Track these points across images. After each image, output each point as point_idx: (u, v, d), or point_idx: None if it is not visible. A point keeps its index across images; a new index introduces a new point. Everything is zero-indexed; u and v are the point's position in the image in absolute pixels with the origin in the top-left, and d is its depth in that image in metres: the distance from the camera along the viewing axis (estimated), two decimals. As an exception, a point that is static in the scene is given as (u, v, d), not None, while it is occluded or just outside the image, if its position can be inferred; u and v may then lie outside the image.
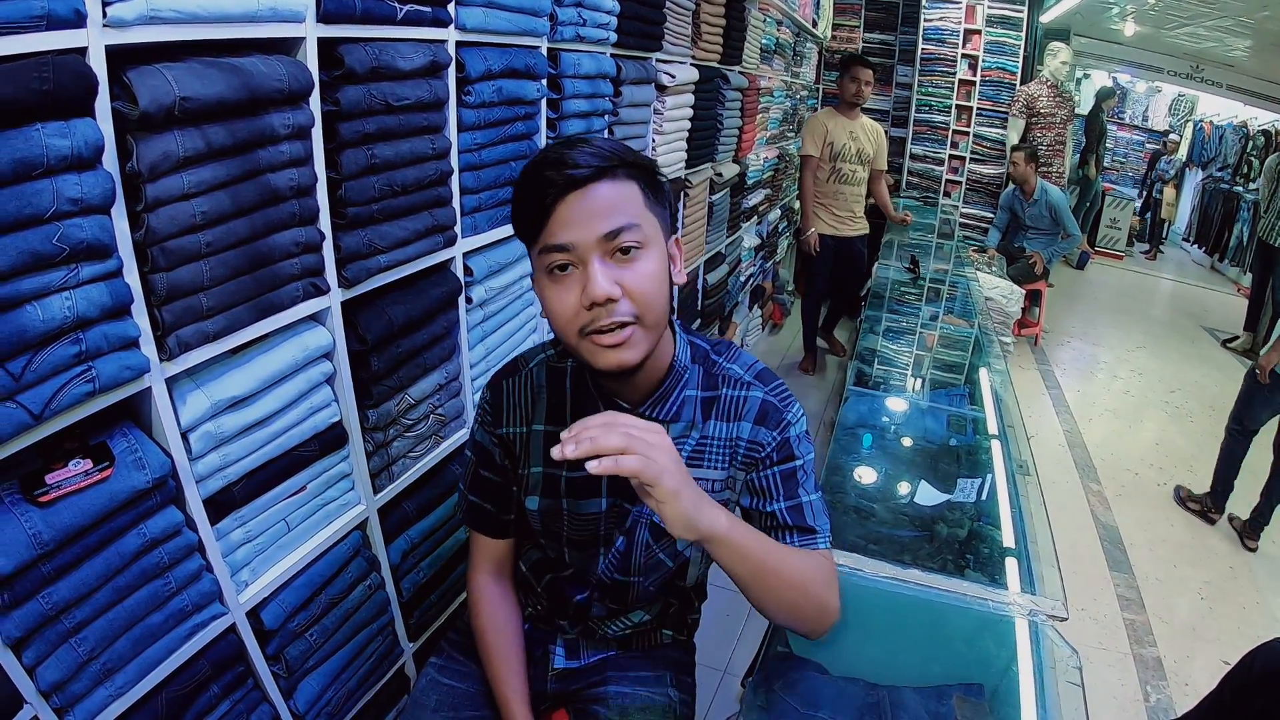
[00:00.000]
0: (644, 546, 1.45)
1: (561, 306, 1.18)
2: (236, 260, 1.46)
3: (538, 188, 1.16)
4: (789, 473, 1.37)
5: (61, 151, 1.11)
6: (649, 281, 1.18)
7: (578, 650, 1.66)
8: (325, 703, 1.94)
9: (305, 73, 1.50)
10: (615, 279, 1.15)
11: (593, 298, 1.14)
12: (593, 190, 1.15)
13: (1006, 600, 1.75)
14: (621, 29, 2.73)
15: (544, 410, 1.44)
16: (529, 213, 1.18)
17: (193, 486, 1.50)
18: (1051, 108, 7.28)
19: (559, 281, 1.18)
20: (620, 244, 1.16)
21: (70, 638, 1.33)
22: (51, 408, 1.18)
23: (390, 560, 2.11)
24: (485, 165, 2.18)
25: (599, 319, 1.16)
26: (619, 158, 1.18)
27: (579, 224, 1.14)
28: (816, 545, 1.35)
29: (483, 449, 1.49)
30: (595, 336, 1.17)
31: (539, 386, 1.44)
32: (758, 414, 1.37)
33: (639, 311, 1.17)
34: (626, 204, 1.18)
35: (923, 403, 3.11)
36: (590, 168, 1.15)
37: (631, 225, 1.16)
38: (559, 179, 1.14)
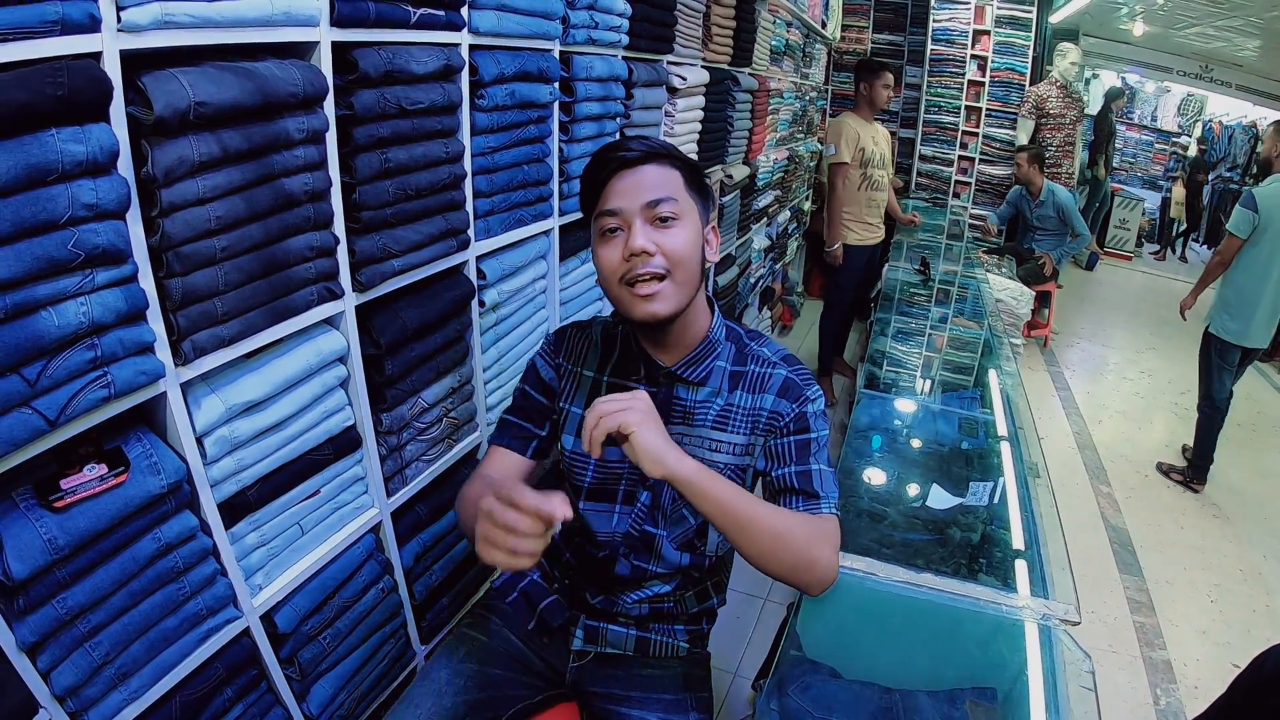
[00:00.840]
0: (671, 499, 1.55)
1: (608, 259, 1.40)
2: (251, 265, 1.46)
3: (597, 167, 1.43)
4: (803, 443, 1.50)
5: (76, 156, 1.11)
6: (681, 244, 1.39)
7: (597, 635, 1.68)
8: (338, 706, 1.94)
9: (319, 77, 1.51)
10: (652, 239, 1.37)
11: (631, 249, 1.36)
12: (641, 169, 1.40)
13: (1019, 604, 1.74)
14: (633, 31, 2.73)
15: (596, 360, 1.62)
16: (589, 187, 1.45)
17: (207, 491, 1.50)
18: (1061, 108, 7.26)
19: (608, 241, 1.41)
20: (659, 213, 1.38)
21: (85, 642, 1.34)
22: (67, 413, 1.19)
23: (403, 563, 2.11)
24: (498, 169, 2.18)
25: (635, 268, 1.37)
26: (665, 149, 1.44)
27: (627, 194, 1.39)
28: (820, 510, 1.46)
29: (536, 372, 1.66)
30: (633, 288, 1.38)
31: (595, 340, 1.64)
32: (780, 388, 1.51)
33: (670, 267, 1.38)
34: (668, 183, 1.41)
35: (934, 405, 3.10)
36: (639, 152, 1.41)
37: (670, 199, 1.39)
38: (614, 159, 1.41)
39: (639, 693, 1.65)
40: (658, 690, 1.66)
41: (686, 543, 1.59)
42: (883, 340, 3.75)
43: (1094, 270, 10.43)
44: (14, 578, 1.17)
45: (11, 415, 1.12)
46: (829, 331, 5.64)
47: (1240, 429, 5.72)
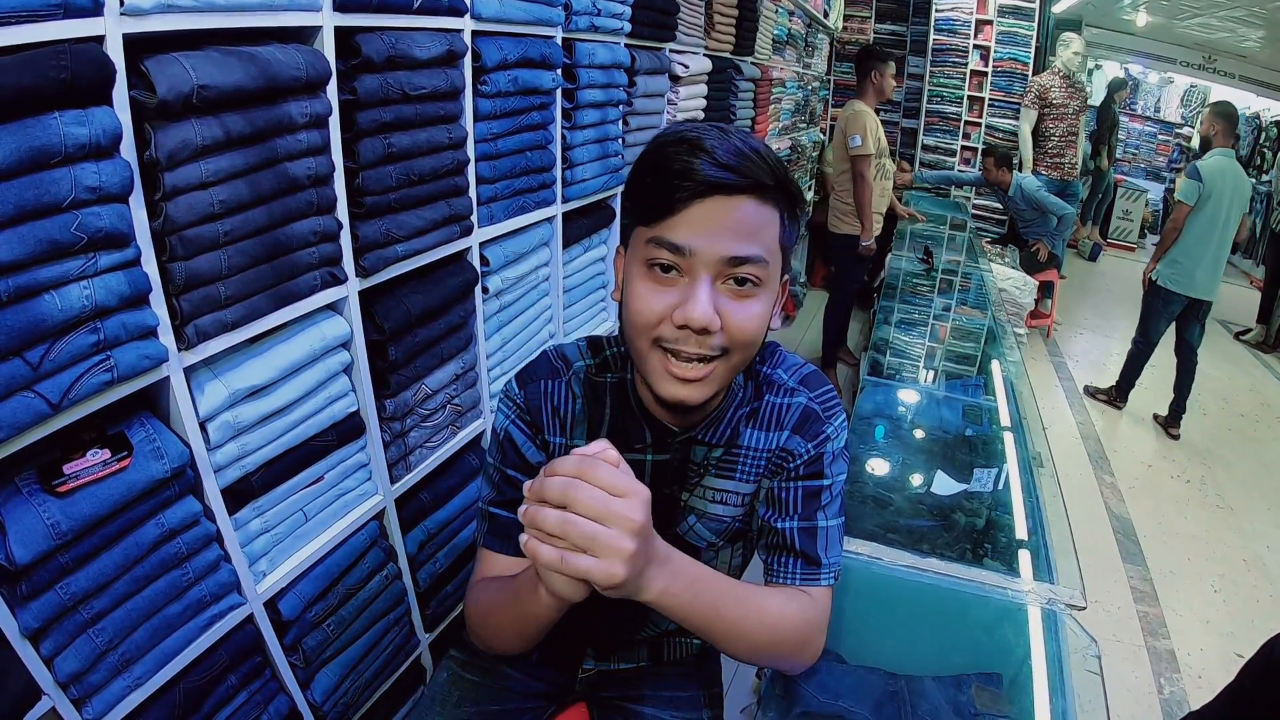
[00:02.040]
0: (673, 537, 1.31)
1: (648, 308, 1.04)
2: (254, 249, 1.45)
3: (675, 173, 1.00)
4: (813, 492, 1.26)
5: (79, 140, 1.11)
6: (754, 323, 1.05)
7: (608, 654, 1.60)
8: (342, 693, 1.94)
9: (323, 61, 1.50)
10: (718, 308, 1.02)
11: (688, 319, 1.00)
12: (737, 202, 1.00)
13: (1025, 589, 1.74)
14: (635, 19, 2.72)
15: (584, 425, 1.30)
16: (654, 195, 1.02)
17: (211, 476, 1.50)
18: (1064, 99, 7.23)
19: (656, 280, 1.04)
20: (740, 273, 1.02)
21: (88, 628, 1.34)
22: (70, 397, 1.18)
23: (407, 550, 2.11)
24: (501, 155, 2.17)
25: (683, 343, 1.04)
26: (774, 174, 1.03)
27: (708, 233, 1.00)
28: (818, 581, 1.24)
29: (516, 450, 1.30)
30: (670, 359, 1.05)
31: (578, 397, 1.30)
32: (798, 421, 1.27)
33: (729, 348, 1.05)
34: (764, 231, 1.04)
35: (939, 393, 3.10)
36: (746, 178, 0.99)
37: (759, 259, 1.03)
38: (703, 174, 0.98)
39: (651, 690, 1.59)
40: (670, 688, 1.60)
41: None
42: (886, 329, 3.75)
43: (1097, 261, 10.42)
44: (16, 563, 1.17)
45: (14, 399, 1.12)
46: (834, 323, 5.64)
47: (1244, 420, 5.74)
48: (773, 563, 1.27)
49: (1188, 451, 5.16)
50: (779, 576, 1.26)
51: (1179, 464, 4.97)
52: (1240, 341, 7.56)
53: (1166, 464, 4.97)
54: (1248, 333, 7.64)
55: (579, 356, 1.32)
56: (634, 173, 1.08)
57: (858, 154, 5.00)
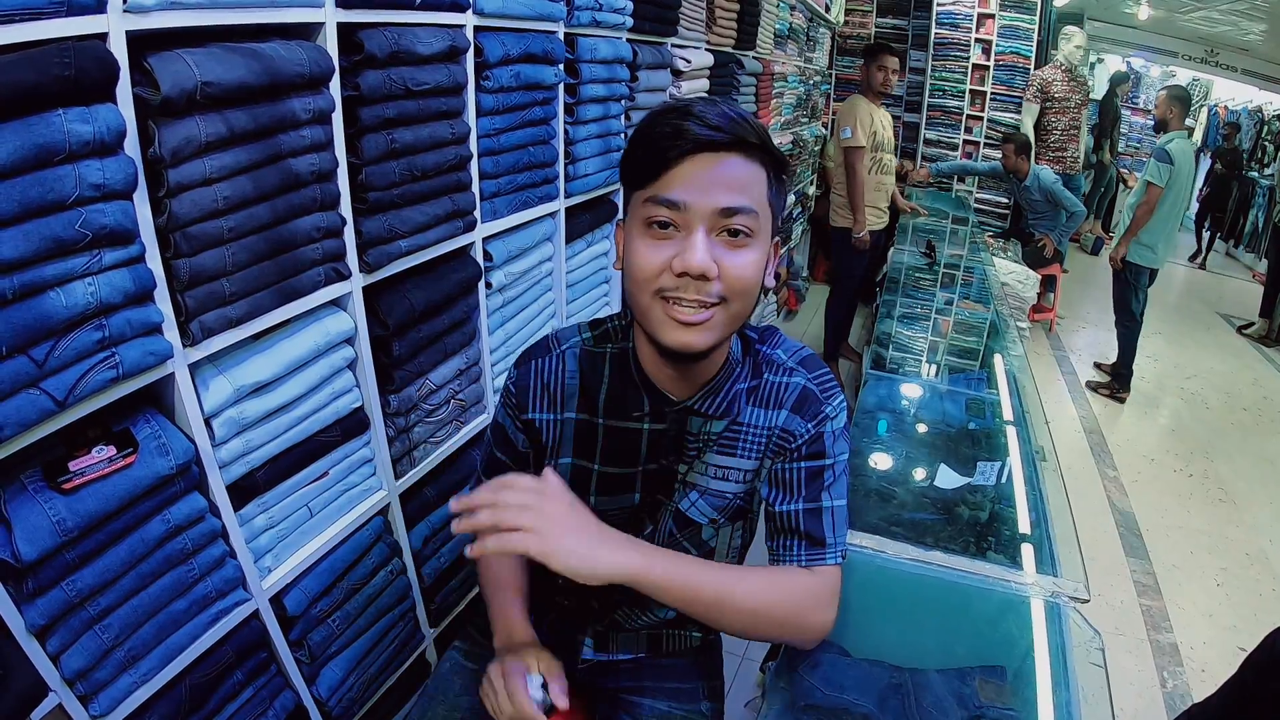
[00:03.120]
0: (667, 535, 1.38)
1: (647, 261, 1.09)
2: (258, 245, 1.46)
3: (666, 136, 1.06)
4: (815, 471, 1.28)
5: (83, 137, 1.11)
6: (749, 270, 1.10)
7: (607, 644, 1.61)
8: (347, 689, 1.95)
9: (326, 57, 1.50)
10: (715, 257, 1.07)
11: (687, 267, 1.06)
12: (724, 158, 1.07)
13: (1028, 582, 1.74)
14: (637, 13, 2.72)
15: (577, 398, 1.34)
16: (647, 157, 1.08)
17: (216, 472, 1.50)
18: (1066, 92, 7.22)
19: (655, 236, 1.09)
20: (732, 225, 1.08)
21: (94, 625, 1.34)
22: (75, 394, 1.19)
23: (412, 546, 2.12)
24: (504, 150, 2.17)
25: (684, 290, 1.08)
26: (758, 135, 1.09)
27: (699, 187, 1.06)
28: (825, 561, 1.26)
29: (502, 432, 1.41)
30: (673, 306, 1.10)
31: (572, 372, 1.34)
32: (796, 401, 1.29)
33: (727, 295, 1.09)
34: (752, 185, 1.10)
35: (941, 387, 3.09)
36: (730, 134, 1.05)
37: (749, 210, 1.08)
38: (693, 133, 1.05)
39: (651, 682, 1.59)
40: (670, 679, 1.60)
41: None
42: (889, 323, 3.74)
43: (1099, 255, 10.40)
44: (23, 560, 1.17)
45: (20, 396, 1.12)
46: (836, 317, 5.62)
47: (1246, 414, 5.73)
48: (778, 546, 1.30)
49: (1190, 445, 5.15)
50: (784, 559, 1.29)
51: (1182, 457, 4.97)
52: (1243, 335, 7.55)
53: (1169, 457, 4.97)
54: (1250, 326, 7.63)
55: (576, 333, 1.37)
56: (629, 146, 1.14)
57: (848, 146, 5.03)
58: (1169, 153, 5.13)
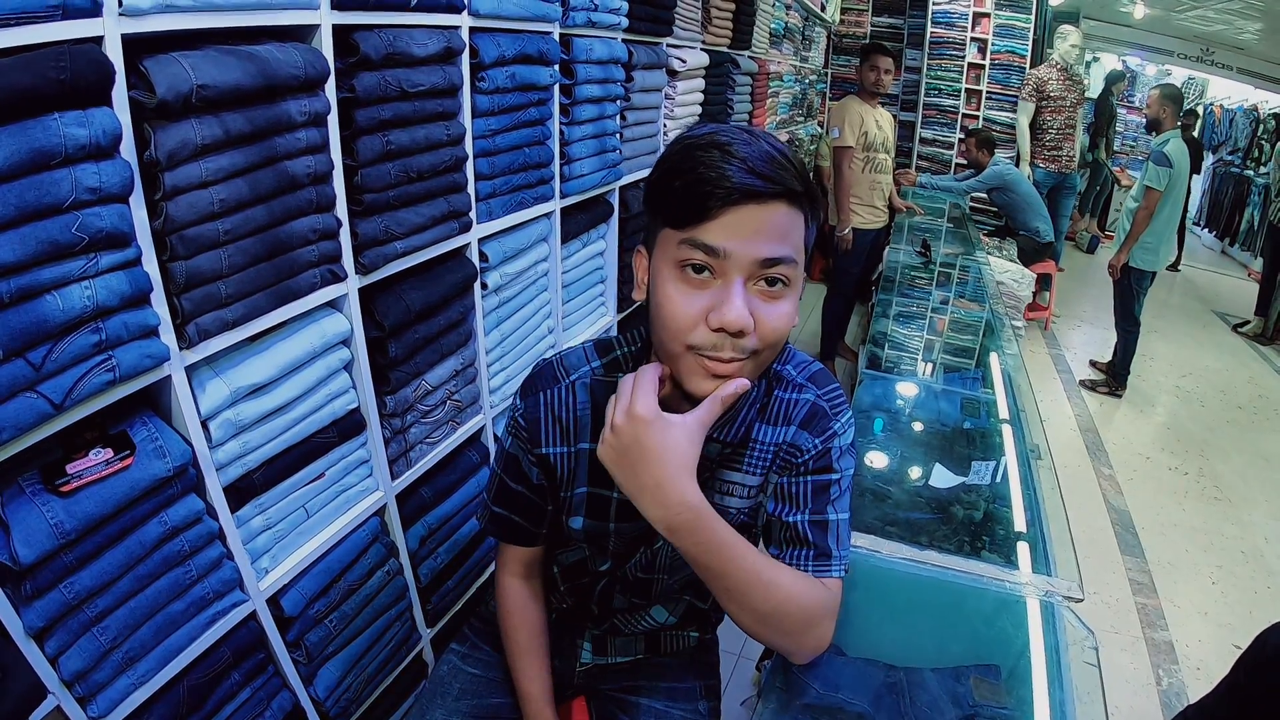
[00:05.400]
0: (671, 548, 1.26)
1: (682, 312, 1.04)
2: (255, 248, 1.46)
3: (711, 179, 1.00)
4: (822, 485, 1.26)
5: (79, 140, 1.11)
6: (783, 322, 1.07)
7: (605, 647, 1.62)
8: (345, 689, 1.95)
9: (321, 59, 1.50)
10: (752, 309, 1.03)
11: (724, 323, 1.01)
12: (771, 209, 1.01)
13: (1022, 581, 1.75)
14: (633, 14, 2.73)
15: (590, 428, 1.31)
16: (686, 198, 1.02)
17: (213, 474, 1.51)
18: (1061, 91, 7.22)
19: (689, 283, 1.04)
20: (770, 274, 1.03)
21: (92, 627, 1.34)
22: (72, 397, 1.19)
23: (408, 546, 2.12)
24: (499, 151, 2.18)
25: (720, 347, 1.04)
26: (802, 180, 1.04)
27: (742, 236, 1.01)
28: (829, 572, 1.24)
29: (515, 464, 1.37)
30: (706, 360, 1.06)
31: (583, 404, 1.31)
32: (805, 417, 1.27)
33: (760, 350, 1.07)
34: (793, 233, 1.05)
35: (936, 386, 3.10)
36: (778, 185, 1.01)
37: (790, 260, 1.04)
38: (740, 181, 0.99)
39: (647, 681, 1.60)
40: (667, 679, 1.61)
41: (688, 583, 1.48)
42: (884, 322, 3.75)
43: (1095, 254, 10.41)
44: (21, 563, 1.18)
45: (17, 399, 1.12)
46: (832, 316, 5.62)
47: (1242, 411, 5.74)
48: (785, 556, 1.27)
49: (1186, 443, 5.16)
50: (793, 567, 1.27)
51: (1177, 455, 4.98)
52: (1239, 334, 7.55)
53: (1164, 455, 4.98)
54: (1245, 324, 7.63)
55: (584, 361, 1.34)
56: (661, 175, 1.07)
57: (836, 145, 5.05)
58: (1168, 156, 5.07)
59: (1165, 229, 5.33)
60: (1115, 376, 5.86)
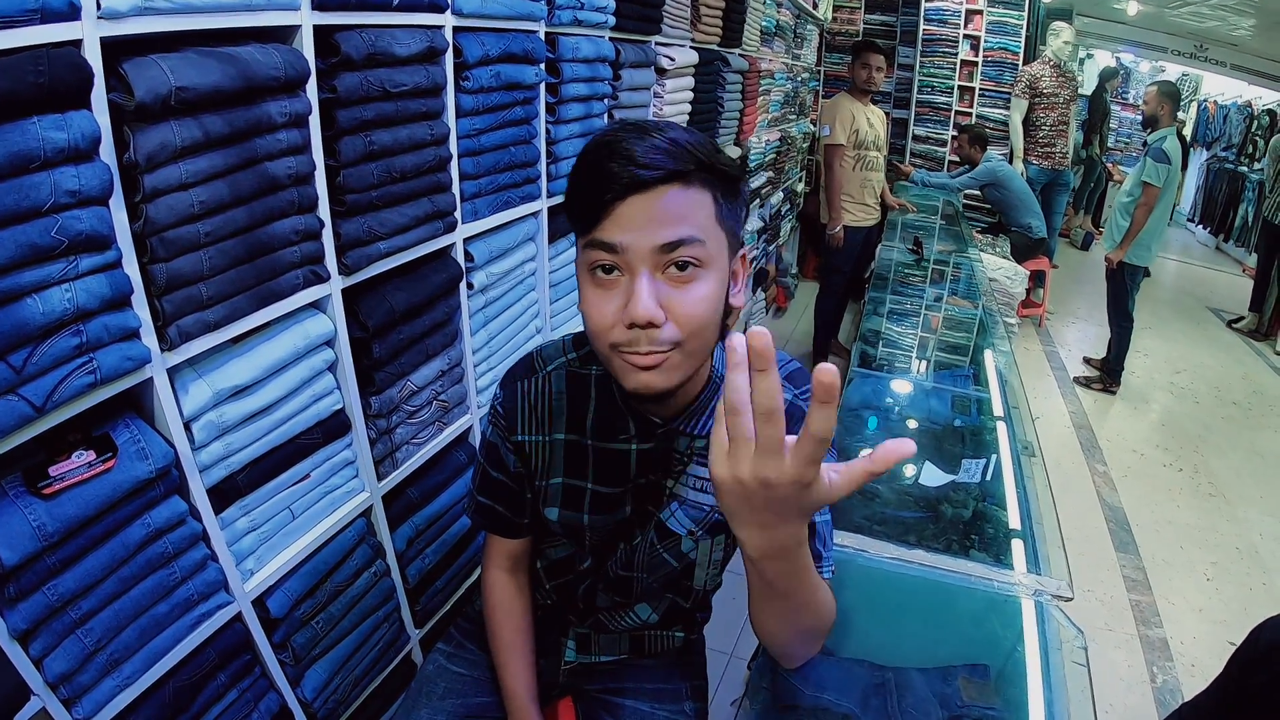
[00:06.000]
0: (649, 545, 1.37)
1: (599, 314, 1.05)
2: (236, 249, 1.46)
3: (598, 180, 1.01)
4: None
5: (58, 144, 1.11)
6: (700, 306, 1.04)
7: (589, 645, 1.62)
8: (332, 690, 1.95)
9: (301, 60, 1.50)
10: (663, 299, 1.02)
11: (633, 318, 1.00)
12: (659, 194, 1.01)
13: (1011, 580, 1.74)
14: (620, 12, 2.72)
15: (565, 418, 1.33)
16: (583, 203, 1.04)
17: (196, 476, 1.50)
18: (1054, 88, 7.22)
19: (601, 284, 1.05)
20: (677, 258, 1.02)
21: (77, 629, 1.34)
22: (53, 400, 1.19)
23: (395, 547, 2.12)
24: (484, 150, 2.17)
25: (636, 342, 1.03)
26: (696, 159, 1.03)
27: (636, 227, 1.00)
28: (822, 573, 1.19)
29: (495, 451, 1.39)
30: (629, 355, 1.05)
31: (559, 393, 1.33)
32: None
33: (682, 338, 1.04)
34: (694, 214, 1.03)
35: (927, 384, 3.10)
36: (661, 170, 1.00)
37: (694, 240, 1.02)
38: (624, 175, 0.99)
39: (632, 683, 1.61)
40: (653, 680, 1.61)
41: (670, 583, 1.47)
42: (875, 320, 3.74)
43: (1089, 250, 10.42)
44: (4, 565, 1.18)
45: (-2, 402, 1.12)
46: (824, 313, 5.63)
47: (1237, 408, 5.75)
48: None
49: (1180, 439, 5.17)
50: None
51: (1171, 452, 4.98)
52: (1233, 329, 7.57)
53: (1159, 452, 4.98)
54: (1240, 320, 7.64)
55: (560, 352, 1.35)
56: (568, 186, 1.09)
57: (827, 143, 5.08)
58: (1165, 152, 5.12)
59: (1157, 225, 5.39)
60: (1109, 373, 5.88)
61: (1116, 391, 5.84)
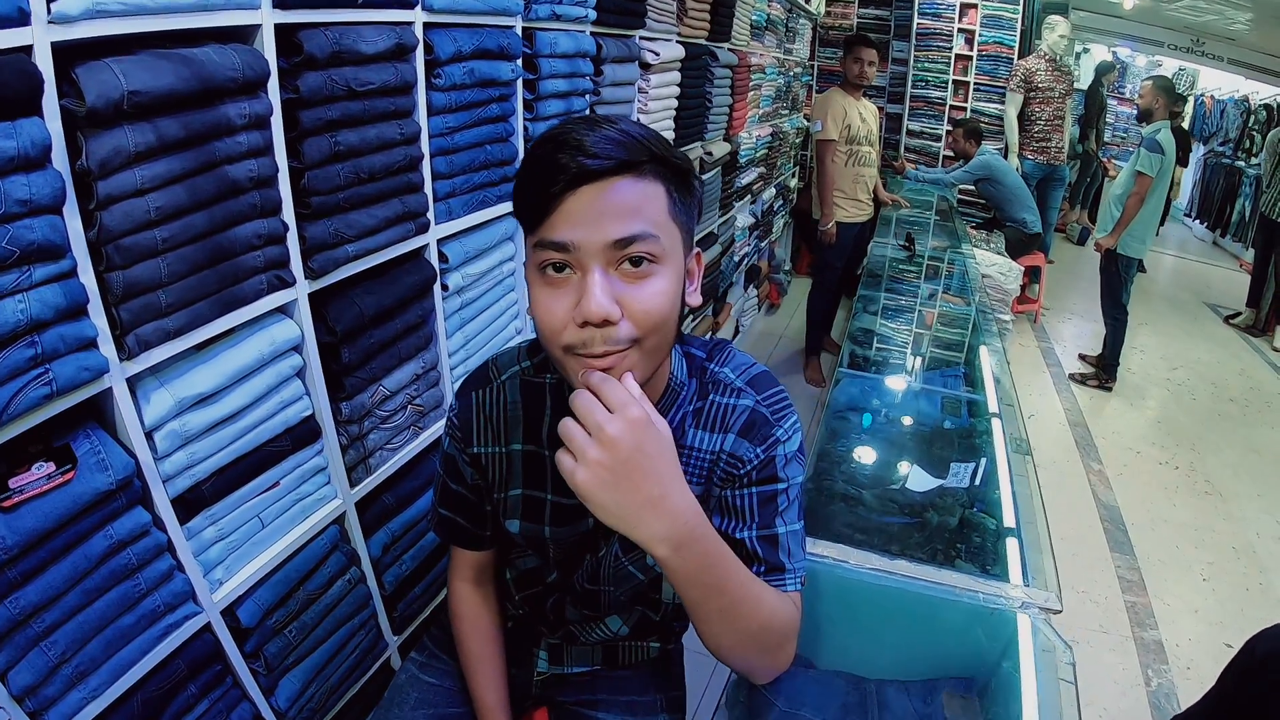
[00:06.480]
0: (613, 557, 1.34)
1: (549, 315, 1.00)
2: (196, 255, 1.43)
3: (545, 172, 0.97)
4: (768, 496, 1.20)
5: (8, 152, 1.08)
6: (657, 302, 1.00)
7: (561, 656, 1.60)
8: (308, 699, 1.93)
9: (260, 60, 1.46)
10: (617, 296, 0.98)
11: (586, 316, 0.97)
12: (610, 186, 0.97)
13: (998, 593, 1.70)
14: (601, 6, 2.69)
15: (521, 428, 1.30)
16: (531, 198, 0.99)
17: (160, 486, 1.48)
18: (1050, 82, 7.20)
19: (551, 284, 1.00)
20: (630, 254, 0.98)
21: (40, 641, 1.32)
22: (9, 412, 1.17)
23: (371, 554, 2.09)
24: (458, 149, 2.14)
25: (591, 342, 0.99)
26: (648, 150, 1.00)
27: (586, 223, 0.96)
28: (785, 587, 1.19)
29: (453, 463, 1.37)
30: (583, 359, 1.00)
31: (513, 403, 1.30)
32: (744, 425, 1.22)
33: (640, 335, 1.00)
34: (647, 207, 1.00)
35: (915, 385, 3.07)
36: (612, 159, 0.96)
37: (648, 235, 0.98)
38: (572, 165, 0.95)
39: (606, 695, 1.58)
40: (627, 692, 1.58)
41: (637, 595, 1.44)
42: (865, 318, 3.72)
43: (1085, 245, 10.40)
44: (-38, 578, 1.15)
45: (-50, 415, 1.10)
46: (817, 310, 5.61)
47: (1234, 405, 5.74)
48: None
49: (1176, 437, 5.15)
50: None
51: (1167, 450, 4.97)
52: (1230, 325, 7.56)
53: (1155, 450, 4.97)
54: (1237, 316, 7.64)
55: (514, 361, 1.33)
56: (515, 182, 1.05)
57: (819, 139, 5.07)
58: (1160, 143, 5.18)
59: (1151, 217, 5.45)
60: (1105, 368, 5.89)
61: (1112, 388, 5.82)
